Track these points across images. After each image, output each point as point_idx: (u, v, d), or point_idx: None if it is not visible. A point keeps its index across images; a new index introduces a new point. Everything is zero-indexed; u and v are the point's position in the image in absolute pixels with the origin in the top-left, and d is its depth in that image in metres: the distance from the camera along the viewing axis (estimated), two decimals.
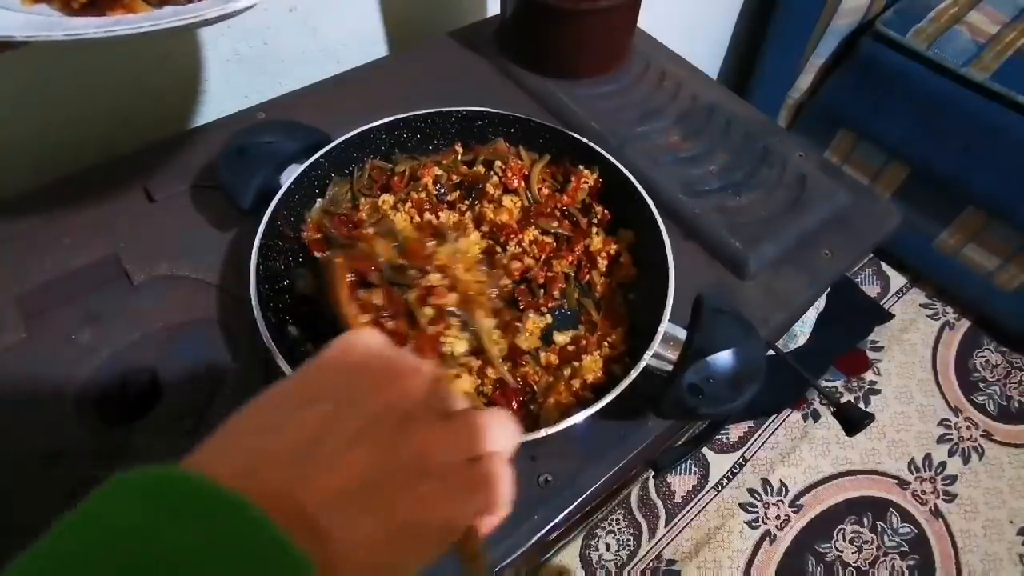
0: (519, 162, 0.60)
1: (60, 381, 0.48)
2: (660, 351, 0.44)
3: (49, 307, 0.52)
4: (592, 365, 0.47)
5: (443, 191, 0.58)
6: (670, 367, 0.44)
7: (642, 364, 0.43)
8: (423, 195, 0.57)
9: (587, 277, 0.55)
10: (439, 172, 0.59)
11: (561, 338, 0.51)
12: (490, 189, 0.57)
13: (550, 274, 0.54)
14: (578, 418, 0.41)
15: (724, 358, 0.42)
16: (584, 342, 0.50)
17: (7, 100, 0.60)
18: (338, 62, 0.80)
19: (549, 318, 0.52)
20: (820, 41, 1.26)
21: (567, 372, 0.47)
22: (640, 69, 0.75)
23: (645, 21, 0.76)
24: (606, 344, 0.50)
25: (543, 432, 0.40)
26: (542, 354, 0.50)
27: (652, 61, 0.76)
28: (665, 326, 0.45)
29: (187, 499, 0.18)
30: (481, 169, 0.59)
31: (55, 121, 0.64)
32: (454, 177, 0.59)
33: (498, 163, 0.59)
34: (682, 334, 0.45)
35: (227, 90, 0.74)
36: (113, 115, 0.67)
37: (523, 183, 0.59)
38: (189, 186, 0.60)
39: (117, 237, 0.56)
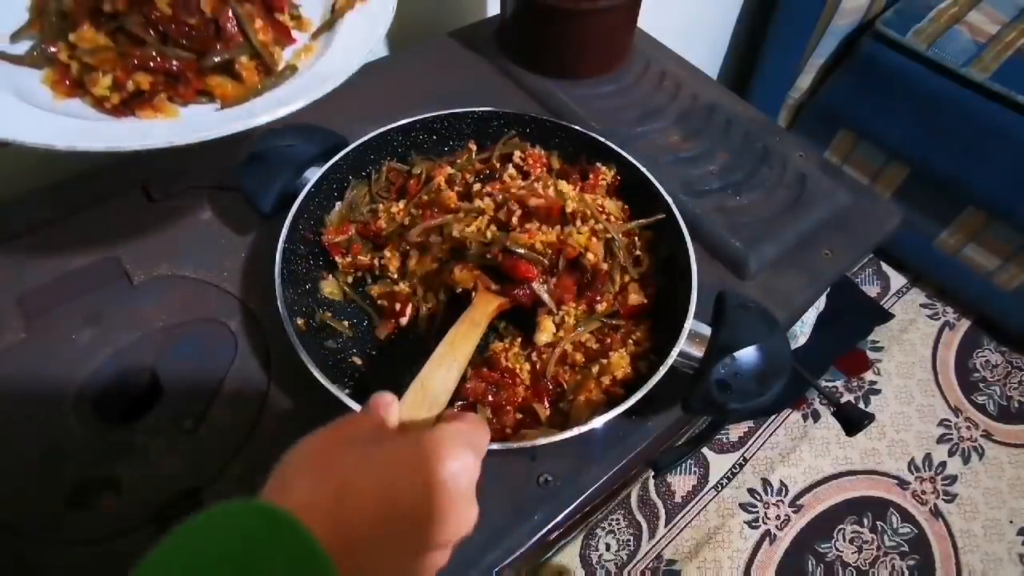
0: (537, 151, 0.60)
1: (60, 381, 0.48)
2: (686, 348, 0.44)
3: (49, 307, 0.52)
4: (620, 361, 0.47)
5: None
6: (696, 363, 0.44)
7: (669, 361, 0.43)
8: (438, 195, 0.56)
9: None
10: (451, 171, 0.58)
11: (586, 336, 0.51)
12: (507, 179, 0.57)
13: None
14: (610, 415, 0.41)
15: (750, 353, 0.42)
16: (608, 340, 0.50)
17: None
18: None
19: None
20: (820, 41, 1.26)
21: (595, 369, 0.47)
22: (640, 69, 0.75)
23: (645, 21, 0.76)
24: (631, 341, 0.50)
25: (575, 431, 0.40)
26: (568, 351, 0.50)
27: (652, 61, 0.76)
28: (690, 323, 0.45)
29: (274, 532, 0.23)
30: (497, 164, 0.59)
31: None
32: (468, 176, 0.59)
33: (517, 153, 0.59)
34: (706, 330, 0.45)
35: None
36: None
37: (545, 172, 0.59)
38: (189, 186, 0.60)
39: (117, 237, 0.56)
